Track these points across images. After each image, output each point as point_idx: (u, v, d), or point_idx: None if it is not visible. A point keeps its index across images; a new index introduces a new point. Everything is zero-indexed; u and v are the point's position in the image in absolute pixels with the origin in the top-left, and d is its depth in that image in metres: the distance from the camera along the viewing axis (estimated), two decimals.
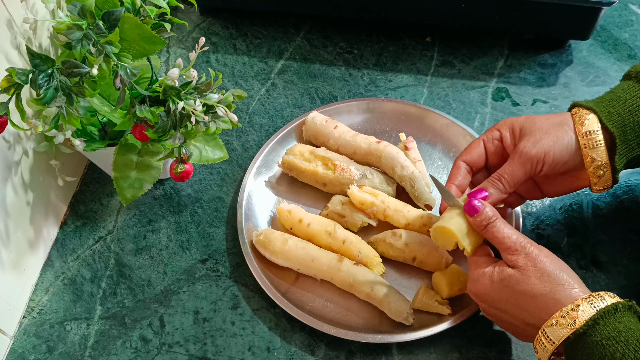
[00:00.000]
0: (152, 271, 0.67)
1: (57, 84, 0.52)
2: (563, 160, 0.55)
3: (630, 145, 0.55)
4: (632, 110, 0.55)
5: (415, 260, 0.63)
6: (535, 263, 0.50)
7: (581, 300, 0.47)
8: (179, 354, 0.61)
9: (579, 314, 0.46)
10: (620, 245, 0.66)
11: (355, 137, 0.71)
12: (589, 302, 0.47)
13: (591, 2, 0.74)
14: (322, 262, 0.62)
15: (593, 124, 0.55)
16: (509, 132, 0.58)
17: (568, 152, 0.55)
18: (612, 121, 0.55)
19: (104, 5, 0.57)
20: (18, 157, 0.61)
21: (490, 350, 0.60)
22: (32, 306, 0.64)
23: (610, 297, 0.48)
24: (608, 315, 0.46)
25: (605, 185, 0.57)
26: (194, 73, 0.57)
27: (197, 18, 0.91)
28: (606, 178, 0.56)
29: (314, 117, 0.73)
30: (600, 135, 0.54)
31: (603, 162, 0.55)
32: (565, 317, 0.47)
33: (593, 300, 0.47)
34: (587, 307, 0.47)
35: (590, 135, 0.54)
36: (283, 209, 0.66)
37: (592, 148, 0.55)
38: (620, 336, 0.45)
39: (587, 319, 0.46)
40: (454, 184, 0.59)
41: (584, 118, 0.55)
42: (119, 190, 0.62)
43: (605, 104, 0.56)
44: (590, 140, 0.55)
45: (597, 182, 0.57)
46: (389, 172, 0.69)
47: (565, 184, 0.60)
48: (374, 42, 0.87)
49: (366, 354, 0.60)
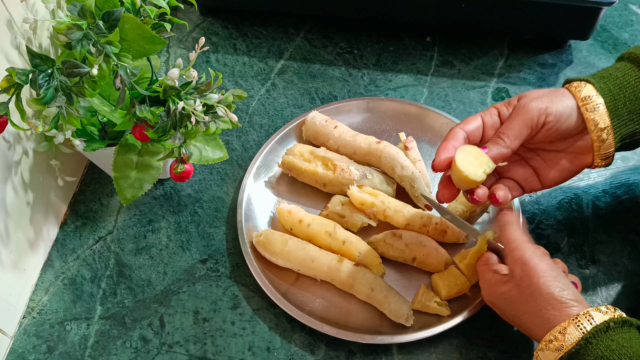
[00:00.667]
0: (152, 271, 0.67)
1: (57, 84, 0.52)
2: (566, 115, 0.54)
3: (623, 120, 0.54)
4: (623, 87, 0.54)
5: (415, 261, 0.63)
6: (530, 277, 0.50)
7: (569, 322, 0.47)
8: (179, 354, 0.61)
9: (565, 338, 0.46)
10: (620, 245, 0.66)
11: (355, 137, 0.71)
12: (575, 325, 0.46)
13: (591, 2, 0.74)
14: (322, 262, 0.62)
15: (589, 90, 0.54)
16: (506, 106, 0.57)
17: (569, 110, 0.54)
18: (604, 95, 0.54)
19: (104, 5, 0.57)
20: (18, 157, 0.61)
21: (490, 350, 0.60)
22: (32, 306, 0.64)
23: (601, 313, 0.47)
24: (600, 334, 0.45)
25: (607, 152, 0.55)
26: (194, 73, 0.57)
27: (197, 18, 0.91)
28: (609, 144, 0.55)
29: (313, 116, 0.73)
30: (599, 99, 0.54)
31: (606, 124, 0.54)
32: (552, 342, 0.47)
33: (580, 322, 0.46)
34: (574, 330, 0.46)
35: (589, 99, 0.54)
36: (283, 209, 0.66)
37: (592, 111, 0.54)
38: (613, 355, 0.44)
39: (573, 343, 0.46)
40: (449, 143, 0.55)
41: (580, 87, 0.55)
42: (119, 190, 0.62)
43: (597, 79, 0.55)
44: (589, 104, 0.54)
45: (599, 149, 0.55)
46: (389, 172, 0.69)
47: (564, 163, 0.57)
48: (374, 42, 0.87)
49: (366, 354, 0.60)
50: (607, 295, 0.63)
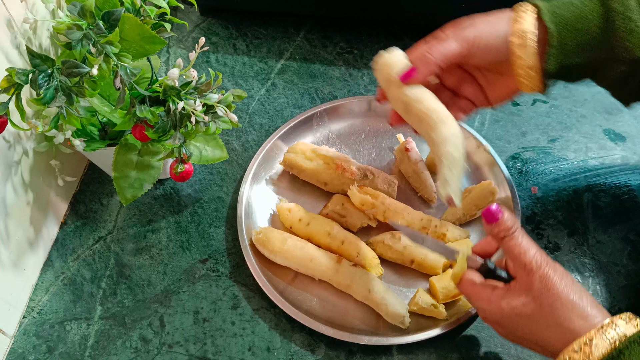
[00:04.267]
0: (152, 271, 0.67)
1: (57, 84, 0.52)
2: (495, 47, 0.54)
3: (566, 50, 0.53)
4: (577, 17, 0.52)
5: (414, 263, 0.63)
6: (549, 287, 0.47)
7: (595, 332, 0.45)
8: (179, 354, 0.61)
9: (592, 350, 0.44)
10: (620, 245, 0.66)
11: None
12: (601, 335, 0.44)
13: None
14: (321, 262, 0.62)
15: (529, 23, 0.53)
16: (452, 28, 0.56)
17: (501, 38, 0.54)
18: (553, 21, 0.52)
19: (104, 5, 0.57)
20: (18, 157, 0.61)
21: (490, 350, 0.60)
22: (32, 306, 0.64)
23: (624, 322, 0.45)
24: (635, 344, 0.44)
25: (534, 86, 0.55)
26: (194, 73, 0.57)
27: (197, 18, 0.91)
28: (534, 79, 0.54)
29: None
30: (533, 36, 0.53)
31: (532, 62, 0.53)
32: (578, 353, 0.45)
33: (607, 330, 0.45)
34: (600, 340, 0.44)
35: (522, 34, 0.53)
36: (283, 207, 0.67)
37: (522, 47, 0.53)
38: None
39: (601, 355, 0.44)
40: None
41: (521, 17, 0.54)
42: (119, 190, 0.62)
43: (552, 5, 0.54)
44: (521, 39, 0.53)
45: (525, 82, 0.55)
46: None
47: (503, 86, 0.57)
48: (374, 42, 0.87)
49: (366, 354, 0.60)
50: (607, 296, 0.63)
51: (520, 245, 0.50)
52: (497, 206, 0.51)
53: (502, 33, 0.54)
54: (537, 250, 0.50)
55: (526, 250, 0.49)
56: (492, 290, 0.51)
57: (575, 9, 0.53)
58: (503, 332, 0.52)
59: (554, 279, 0.47)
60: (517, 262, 0.50)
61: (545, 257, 0.49)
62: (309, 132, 0.76)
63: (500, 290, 0.50)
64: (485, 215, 0.51)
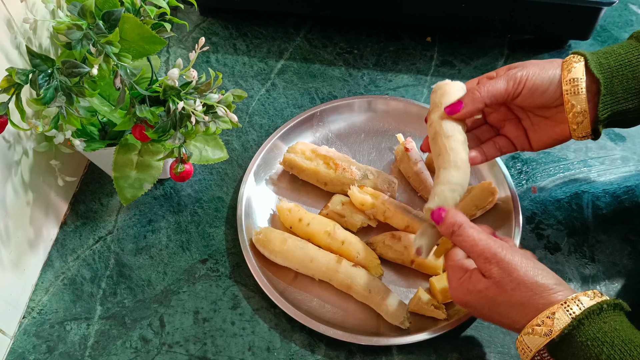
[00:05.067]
0: (152, 271, 0.67)
1: (57, 84, 0.52)
2: (543, 88, 0.55)
3: (617, 97, 0.55)
4: (623, 65, 0.55)
5: (414, 263, 0.63)
6: (510, 272, 0.49)
7: (557, 307, 0.46)
8: (179, 354, 0.61)
9: (554, 323, 0.46)
10: (620, 245, 0.66)
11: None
12: (564, 309, 0.46)
13: (591, 2, 0.74)
14: (321, 263, 0.62)
15: (578, 71, 0.55)
16: (504, 70, 0.58)
17: (549, 81, 0.55)
18: (601, 71, 0.55)
19: (104, 5, 0.57)
20: (18, 157, 0.61)
21: (490, 350, 0.60)
22: (32, 306, 0.64)
23: (588, 298, 0.47)
24: (593, 315, 0.45)
25: (585, 132, 0.57)
26: (194, 73, 0.57)
27: (197, 18, 0.91)
28: (585, 125, 0.56)
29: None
30: (583, 83, 0.54)
31: (583, 109, 0.55)
32: (540, 326, 0.46)
33: (569, 306, 0.46)
34: (562, 314, 0.46)
35: (574, 82, 0.55)
36: (283, 207, 0.66)
37: (573, 94, 0.55)
38: (605, 337, 0.44)
39: (561, 328, 0.45)
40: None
41: (571, 66, 0.55)
42: (119, 190, 0.62)
43: (599, 55, 0.56)
44: (573, 87, 0.55)
45: (576, 129, 0.56)
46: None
47: (549, 130, 0.59)
48: (374, 42, 0.87)
49: (366, 354, 0.60)
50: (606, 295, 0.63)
51: (471, 237, 0.51)
52: (440, 208, 0.53)
53: (551, 76, 0.56)
54: (488, 238, 0.51)
55: (477, 241, 0.51)
56: (465, 272, 0.52)
57: (620, 57, 0.55)
58: (472, 311, 0.54)
59: (513, 263, 0.49)
60: (473, 254, 0.51)
61: (500, 242, 0.51)
62: (309, 132, 0.76)
63: (468, 273, 0.52)
64: (432, 217, 0.53)
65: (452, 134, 0.55)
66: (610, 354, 0.43)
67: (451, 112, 0.56)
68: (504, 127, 0.62)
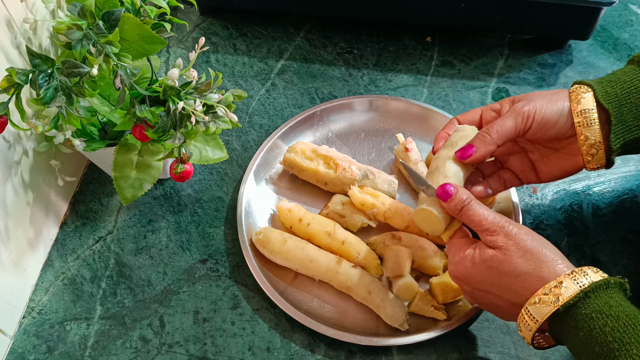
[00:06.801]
0: (152, 271, 0.67)
1: (57, 84, 0.52)
2: (553, 121, 0.55)
3: (628, 126, 0.54)
4: (630, 92, 0.54)
5: (414, 264, 0.63)
6: (517, 241, 0.49)
7: (564, 277, 0.47)
8: (179, 354, 0.61)
9: (562, 291, 0.46)
10: (620, 245, 0.66)
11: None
12: (571, 279, 0.46)
13: (591, 2, 0.74)
14: (321, 263, 0.62)
15: (588, 102, 0.54)
16: (509, 103, 0.58)
17: (559, 113, 0.55)
18: (609, 100, 0.54)
19: (104, 5, 0.57)
20: (18, 157, 0.61)
21: (490, 350, 0.60)
22: (32, 306, 0.64)
23: (593, 271, 0.47)
24: (600, 289, 0.46)
25: (599, 164, 0.56)
26: (194, 73, 0.57)
27: (197, 18, 0.91)
28: (599, 157, 0.55)
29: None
30: (595, 114, 0.54)
31: (597, 140, 0.54)
32: (548, 295, 0.46)
33: (576, 276, 0.46)
34: (570, 283, 0.46)
35: (585, 113, 0.54)
36: (283, 207, 0.66)
37: (586, 126, 0.54)
38: (610, 310, 0.44)
39: (570, 295, 0.45)
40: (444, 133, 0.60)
41: (580, 97, 0.55)
42: (119, 190, 0.62)
43: (604, 84, 0.55)
44: (585, 119, 0.54)
45: (590, 160, 0.56)
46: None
47: (559, 162, 0.58)
48: (374, 42, 0.87)
49: (366, 354, 0.60)
50: None
51: (478, 212, 0.51)
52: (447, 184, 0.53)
53: (560, 108, 0.55)
54: (496, 214, 0.51)
55: (486, 216, 0.51)
56: (470, 244, 0.53)
57: (626, 85, 0.55)
58: (469, 288, 0.53)
59: (520, 235, 0.50)
60: (480, 229, 0.51)
61: (507, 218, 0.51)
62: (309, 131, 0.76)
63: (473, 246, 0.52)
64: (440, 195, 0.53)
65: (450, 176, 0.55)
66: (614, 327, 0.43)
67: (462, 157, 0.55)
68: (507, 161, 0.61)
